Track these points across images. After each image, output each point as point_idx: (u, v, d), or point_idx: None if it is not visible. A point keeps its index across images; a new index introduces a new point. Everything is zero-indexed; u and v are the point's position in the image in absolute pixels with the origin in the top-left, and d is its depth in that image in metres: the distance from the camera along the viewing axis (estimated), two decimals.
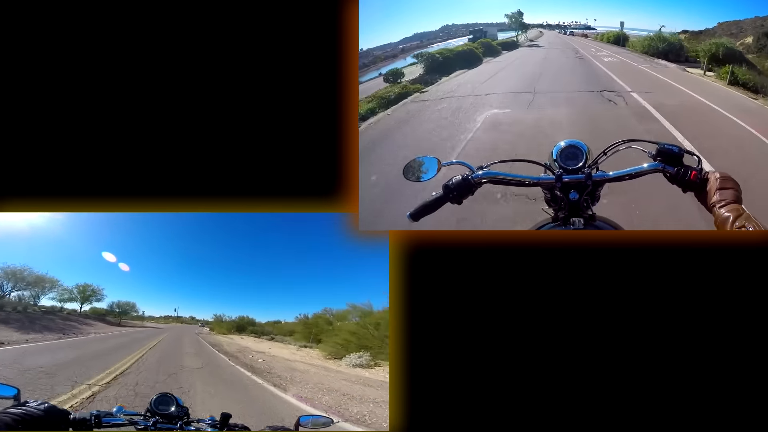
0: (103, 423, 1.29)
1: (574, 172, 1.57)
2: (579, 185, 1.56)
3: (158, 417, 1.36)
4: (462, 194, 1.62)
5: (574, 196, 1.56)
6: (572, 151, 1.60)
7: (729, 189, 1.44)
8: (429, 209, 1.65)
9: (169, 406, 1.39)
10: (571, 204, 1.57)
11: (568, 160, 1.59)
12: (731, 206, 1.41)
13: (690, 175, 1.50)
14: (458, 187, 1.61)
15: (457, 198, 1.62)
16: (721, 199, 1.43)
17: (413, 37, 7.17)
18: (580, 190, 1.56)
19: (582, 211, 1.59)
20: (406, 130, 5.76)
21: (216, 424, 1.41)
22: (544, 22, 7.83)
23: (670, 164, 1.53)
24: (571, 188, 1.57)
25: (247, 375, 5.04)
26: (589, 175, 1.56)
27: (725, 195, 1.43)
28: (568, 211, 1.58)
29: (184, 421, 1.39)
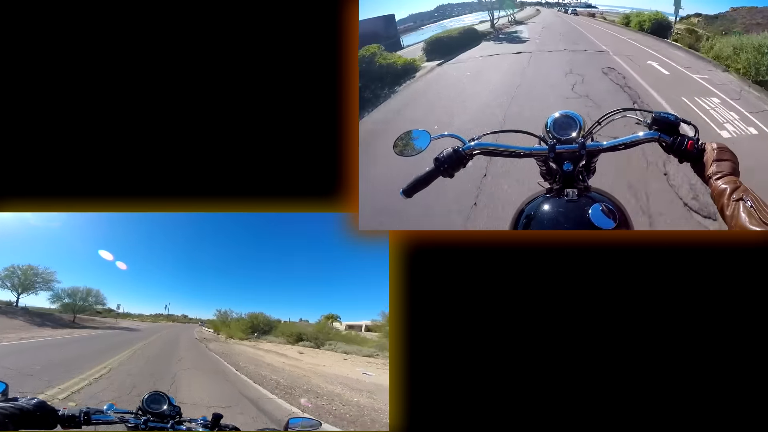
0: (93, 420, 1.29)
1: (568, 142, 1.54)
2: (573, 156, 1.53)
3: (150, 415, 1.36)
4: (453, 167, 1.59)
5: (568, 167, 1.52)
6: (566, 120, 1.57)
7: (726, 161, 1.43)
8: (421, 184, 1.62)
9: (161, 405, 1.39)
10: (565, 175, 1.54)
11: (562, 131, 1.56)
12: (728, 178, 1.40)
13: (687, 145, 1.47)
14: (449, 160, 1.59)
15: (448, 171, 1.60)
16: (718, 170, 1.41)
17: (408, 18, 7.03)
18: (574, 161, 1.53)
19: (576, 182, 1.55)
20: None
21: (207, 424, 1.41)
22: (543, 0, 7.35)
23: (667, 133, 1.50)
24: (564, 159, 1.53)
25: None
26: (582, 145, 1.52)
27: (722, 167, 1.42)
28: (562, 182, 1.55)
29: (175, 420, 1.39)
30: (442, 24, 7.26)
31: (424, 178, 1.61)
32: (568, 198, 1.54)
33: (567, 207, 1.52)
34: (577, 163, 1.53)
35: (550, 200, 1.58)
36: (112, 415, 1.33)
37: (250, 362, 4.76)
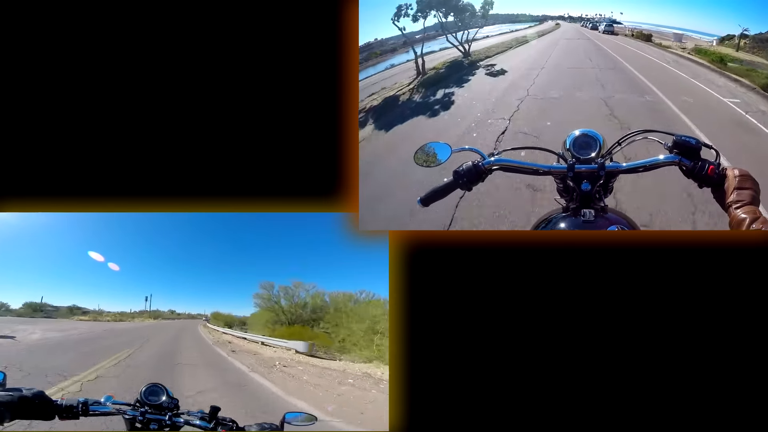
0: (90, 411, 1.30)
1: (587, 161, 1.55)
2: (591, 175, 1.54)
3: (147, 407, 1.38)
4: (472, 180, 1.61)
5: (586, 187, 1.53)
6: (586, 140, 1.58)
7: (747, 189, 1.41)
8: (439, 195, 1.64)
9: (159, 397, 1.40)
10: (582, 195, 1.54)
11: (582, 150, 1.56)
12: (748, 207, 1.38)
13: (707, 170, 1.47)
14: (468, 174, 1.60)
15: (466, 184, 1.61)
16: (739, 199, 1.40)
17: (435, 25, 6.35)
18: (593, 181, 1.54)
19: (594, 202, 1.56)
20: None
21: (205, 417, 1.41)
22: (566, 14, 5.92)
23: (687, 157, 1.50)
24: (583, 178, 1.54)
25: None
26: (602, 165, 1.53)
27: (743, 195, 1.40)
28: (579, 202, 1.56)
29: (173, 413, 1.40)
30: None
31: (443, 189, 1.64)
32: (585, 219, 1.55)
33: (584, 227, 1.55)
34: (595, 183, 1.54)
35: (567, 219, 1.59)
36: (109, 406, 1.34)
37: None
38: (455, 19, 5.30)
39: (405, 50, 4.98)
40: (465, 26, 5.32)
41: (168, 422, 1.38)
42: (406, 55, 5.00)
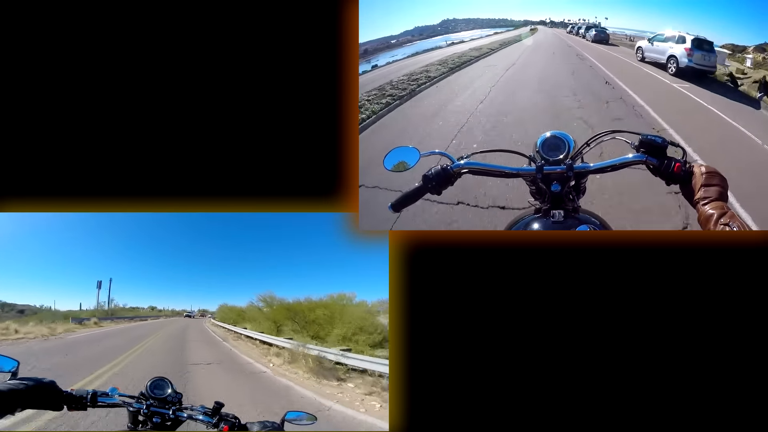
0: (98, 402, 1.33)
1: (556, 163, 1.57)
2: (561, 176, 1.56)
3: (152, 400, 1.40)
4: (441, 184, 1.63)
5: (556, 188, 1.56)
6: (555, 142, 1.60)
7: (714, 186, 1.45)
8: (409, 200, 1.66)
9: (164, 391, 1.42)
10: (553, 196, 1.57)
11: (551, 151, 1.59)
12: (715, 203, 1.42)
13: (674, 168, 1.50)
14: (437, 177, 1.63)
15: (436, 188, 1.63)
16: (706, 196, 1.44)
17: (414, 30, 6.20)
18: (562, 182, 1.56)
19: (565, 203, 1.59)
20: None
21: (208, 412, 1.43)
22: (547, 19, 5.26)
23: (654, 156, 1.53)
24: (553, 180, 1.57)
25: None
26: (570, 167, 1.56)
27: (710, 192, 1.44)
28: (550, 203, 1.59)
29: (177, 407, 1.42)
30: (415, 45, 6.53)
31: (413, 193, 1.66)
32: (554, 219, 1.58)
33: (553, 228, 1.58)
34: (565, 184, 1.57)
35: (537, 220, 1.63)
36: (116, 398, 1.37)
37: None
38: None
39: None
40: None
41: (171, 416, 1.40)
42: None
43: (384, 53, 5.75)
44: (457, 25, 6.51)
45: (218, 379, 4.81)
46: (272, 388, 4.58)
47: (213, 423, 1.41)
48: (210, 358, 5.86)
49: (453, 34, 6.15)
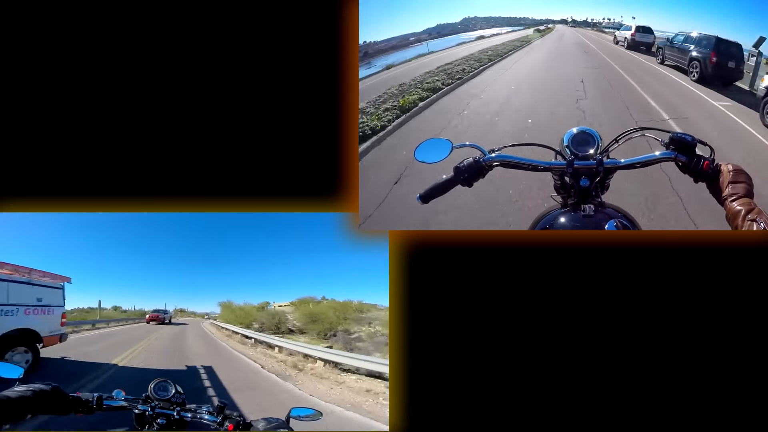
0: (104, 405, 1.36)
1: (586, 158, 1.59)
2: (590, 172, 1.58)
3: (157, 402, 1.43)
4: (473, 177, 1.64)
5: (585, 183, 1.58)
6: (584, 137, 1.62)
7: (741, 183, 1.47)
8: (439, 191, 1.66)
9: (168, 392, 1.45)
10: (581, 190, 1.59)
11: (580, 146, 1.61)
12: (743, 200, 1.44)
13: (702, 165, 1.52)
14: (469, 170, 1.63)
15: (467, 180, 1.64)
16: (733, 192, 1.46)
17: (436, 27, 6.25)
18: (591, 177, 1.58)
19: (591, 198, 1.60)
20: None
21: (212, 411, 1.46)
22: (569, 18, 5.04)
23: (683, 153, 1.55)
24: (581, 175, 1.59)
25: None
26: (600, 162, 1.57)
27: (737, 189, 1.46)
28: (578, 197, 1.60)
29: (181, 408, 1.44)
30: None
31: (443, 185, 1.66)
32: (584, 213, 1.59)
33: (584, 222, 1.59)
34: (593, 179, 1.59)
35: (567, 214, 1.63)
36: (122, 401, 1.40)
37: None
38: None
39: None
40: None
41: (176, 417, 1.43)
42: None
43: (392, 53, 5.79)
44: (478, 23, 6.41)
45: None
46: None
47: (218, 422, 1.43)
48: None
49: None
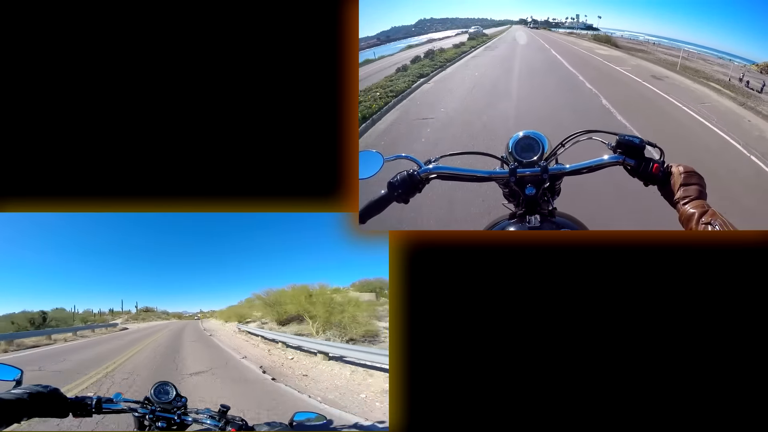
0: (103, 409, 1.38)
1: (530, 165, 1.53)
2: (535, 179, 1.52)
3: (157, 405, 1.45)
4: (407, 192, 1.56)
5: (531, 191, 1.52)
6: (528, 142, 1.54)
7: (693, 185, 1.44)
8: (374, 209, 1.59)
9: (168, 396, 1.47)
10: (528, 199, 1.53)
11: (524, 153, 1.53)
12: (696, 202, 1.41)
13: (652, 168, 1.48)
14: (403, 185, 1.56)
15: (402, 196, 1.57)
16: (686, 195, 1.43)
17: (390, 30, 6.33)
18: (537, 185, 1.52)
19: (541, 206, 1.54)
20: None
21: (214, 415, 1.48)
22: (528, 18, 5.22)
23: (631, 156, 1.50)
24: (527, 183, 1.52)
25: None
26: (545, 169, 1.51)
27: (689, 191, 1.43)
28: (525, 206, 1.54)
29: (182, 411, 1.47)
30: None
31: (377, 203, 1.58)
32: (530, 225, 1.55)
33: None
34: (540, 187, 1.52)
35: (513, 225, 1.59)
36: (121, 404, 1.42)
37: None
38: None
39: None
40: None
41: (177, 420, 1.45)
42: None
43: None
44: (433, 26, 6.32)
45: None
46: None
47: (220, 426, 1.45)
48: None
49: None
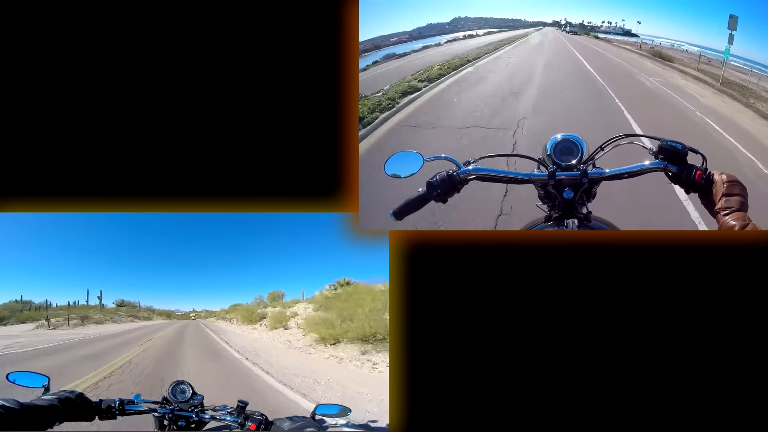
0: (127, 411, 1.41)
1: (569, 168, 1.51)
2: (573, 183, 1.50)
3: (175, 404, 1.48)
4: (447, 192, 1.55)
5: (569, 195, 1.50)
6: (567, 145, 1.53)
7: (735, 195, 1.40)
8: (412, 208, 1.58)
9: (186, 394, 1.50)
10: (565, 203, 1.51)
11: (563, 156, 1.52)
12: (737, 214, 1.38)
13: (695, 176, 1.45)
14: (442, 185, 1.55)
15: (441, 196, 1.56)
16: (727, 206, 1.39)
17: (426, 27, 6.52)
18: (575, 188, 1.50)
19: (577, 209, 1.53)
20: None
21: (232, 411, 1.51)
22: (563, 20, 5.05)
23: (673, 162, 1.47)
24: (565, 186, 1.50)
25: None
26: (584, 172, 1.49)
27: (731, 202, 1.39)
28: (561, 210, 1.53)
29: (199, 409, 1.50)
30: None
31: (415, 201, 1.57)
32: (567, 229, 1.53)
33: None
34: (577, 190, 1.51)
35: (550, 229, 1.58)
36: (142, 405, 1.45)
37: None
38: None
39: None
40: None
41: (195, 419, 1.48)
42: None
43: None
44: (468, 24, 6.32)
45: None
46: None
47: (239, 422, 1.47)
48: None
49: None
